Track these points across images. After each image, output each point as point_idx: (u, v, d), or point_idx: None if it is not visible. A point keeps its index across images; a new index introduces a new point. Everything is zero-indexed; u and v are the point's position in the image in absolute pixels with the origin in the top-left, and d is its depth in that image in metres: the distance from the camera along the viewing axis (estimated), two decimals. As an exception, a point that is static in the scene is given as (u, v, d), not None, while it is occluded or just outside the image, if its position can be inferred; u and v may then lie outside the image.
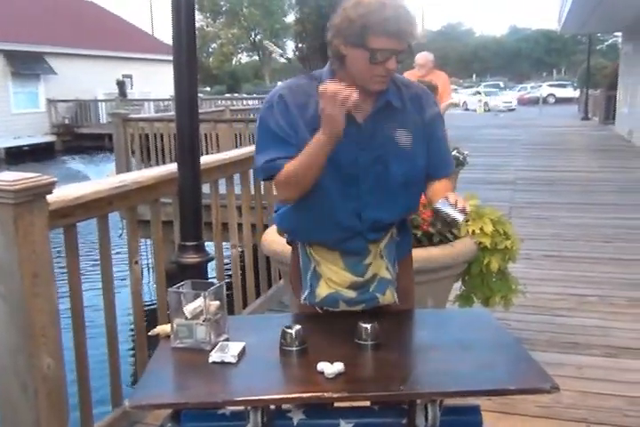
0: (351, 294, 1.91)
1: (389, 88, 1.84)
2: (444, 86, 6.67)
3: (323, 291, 1.92)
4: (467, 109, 31.60)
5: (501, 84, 49.38)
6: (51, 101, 23.82)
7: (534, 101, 36.31)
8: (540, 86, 44.11)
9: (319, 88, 1.65)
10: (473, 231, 3.02)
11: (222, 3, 55.19)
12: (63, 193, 2.16)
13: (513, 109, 32.24)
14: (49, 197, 2.02)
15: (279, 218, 2.02)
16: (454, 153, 5.93)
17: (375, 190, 1.84)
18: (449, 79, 7.04)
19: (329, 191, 1.83)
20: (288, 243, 2.14)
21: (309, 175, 1.76)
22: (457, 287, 3.24)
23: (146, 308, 2.82)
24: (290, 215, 1.95)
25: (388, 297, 1.95)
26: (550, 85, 45.11)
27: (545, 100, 36.86)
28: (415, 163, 1.86)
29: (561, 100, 40.44)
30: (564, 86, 44.60)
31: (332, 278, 1.91)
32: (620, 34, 22.41)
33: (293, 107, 1.80)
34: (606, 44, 52.39)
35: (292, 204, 1.90)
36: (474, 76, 62.43)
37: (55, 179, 2.02)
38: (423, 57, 6.74)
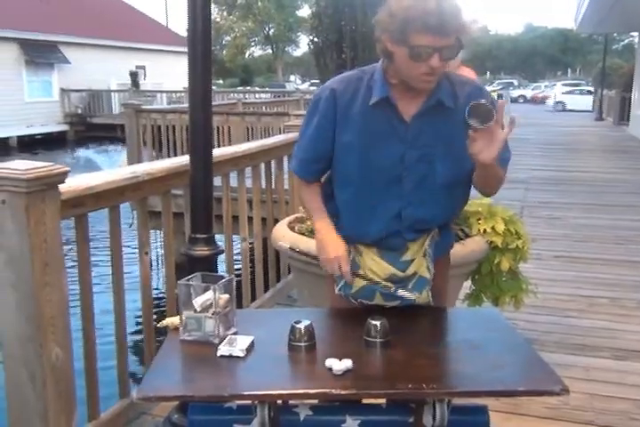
0: (390, 286, 1.89)
1: (443, 86, 1.78)
2: None
3: (359, 281, 1.91)
4: (563, 109, 29.50)
5: (515, 83, 49.13)
6: (64, 91, 23.89)
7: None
8: (554, 85, 43.86)
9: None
10: (484, 230, 3.00)
11: (237, -5, 55.15)
12: (75, 183, 2.15)
13: None
14: (61, 187, 2.02)
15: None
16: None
17: (418, 190, 1.81)
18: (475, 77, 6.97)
19: (371, 189, 1.84)
20: None
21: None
22: (467, 286, 3.22)
23: (155, 299, 2.82)
24: (330, 213, 1.98)
25: (424, 297, 1.93)
26: (564, 84, 44.86)
27: (559, 100, 36.58)
28: (462, 164, 1.80)
29: (575, 100, 40.16)
30: (578, 86, 44.34)
31: (373, 268, 1.90)
32: (636, 34, 22.22)
33: (341, 102, 1.82)
34: (622, 44, 52.09)
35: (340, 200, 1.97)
36: (487, 73, 62.15)
37: (68, 168, 2.02)
38: None
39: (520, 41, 68.69)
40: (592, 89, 34.07)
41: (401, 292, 1.89)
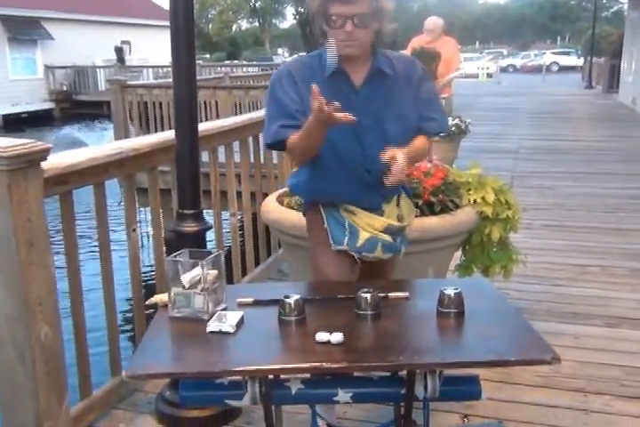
0: (388, 238, 2.16)
1: (380, 59, 2.06)
2: (452, 54, 6.52)
3: (364, 235, 2.14)
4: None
5: (505, 52, 48.80)
6: (48, 68, 23.53)
7: (538, 69, 35.94)
8: (544, 54, 43.61)
9: (312, 92, 1.79)
10: (474, 201, 2.99)
11: (222, -33, 54.27)
12: (58, 160, 2.11)
13: None
14: (43, 164, 1.98)
15: (296, 187, 2.28)
16: (456, 121, 5.87)
17: (378, 147, 1.98)
18: (458, 47, 6.86)
19: (337, 150, 2.05)
20: (305, 212, 2.32)
21: (308, 150, 2.02)
22: (457, 256, 3.22)
23: (145, 276, 2.81)
24: (305, 180, 2.18)
25: (402, 253, 2.27)
26: (554, 53, 44.61)
27: (548, 68, 36.45)
28: (409, 123, 2.10)
29: (564, 69, 40.07)
30: (567, 54, 44.12)
31: (370, 222, 2.15)
32: (625, 0, 22.03)
33: (300, 80, 2.02)
34: (611, 10, 51.78)
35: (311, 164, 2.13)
36: (477, 43, 61.66)
37: (50, 145, 1.98)
38: (432, 22, 6.55)
39: (508, 9, 68.06)
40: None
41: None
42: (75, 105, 23.27)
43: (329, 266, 2.15)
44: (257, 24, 58.96)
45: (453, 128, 5.80)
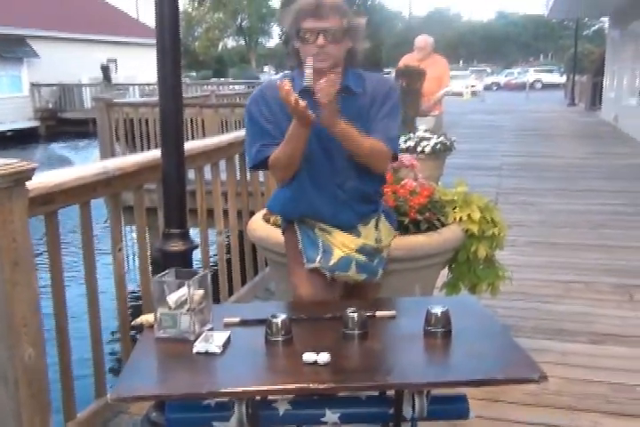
0: (362, 258, 2.17)
1: (350, 77, 2.11)
2: (443, 72, 6.55)
3: (337, 253, 2.15)
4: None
5: (488, 70, 49.30)
6: (34, 85, 23.49)
7: (521, 87, 36.31)
8: (527, 71, 44.12)
9: (279, 86, 1.86)
10: (460, 218, 3.00)
11: (208, -14, 54.64)
12: (43, 179, 2.10)
13: None
14: (28, 184, 1.97)
15: (273, 206, 2.32)
16: (441, 139, 5.90)
17: (349, 164, 2.10)
18: (448, 65, 6.89)
19: (309, 167, 2.10)
20: (283, 231, 2.34)
21: (293, 157, 2.03)
22: (444, 275, 3.22)
23: (131, 296, 2.78)
24: (281, 198, 2.23)
25: (380, 276, 2.25)
26: (537, 71, 45.15)
27: (532, 86, 36.85)
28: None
29: (548, 86, 40.51)
30: (550, 72, 44.65)
31: (344, 242, 2.16)
32: (606, 19, 22.39)
33: (273, 102, 2.07)
34: (593, 29, 52.54)
35: (286, 183, 2.17)
36: (460, 61, 62.25)
37: (35, 165, 1.97)
38: (422, 40, 6.57)
39: (492, 28, 68.88)
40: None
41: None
42: (60, 123, 23.22)
43: (302, 285, 2.15)
44: (243, 42, 59.25)
45: (439, 146, 5.83)
